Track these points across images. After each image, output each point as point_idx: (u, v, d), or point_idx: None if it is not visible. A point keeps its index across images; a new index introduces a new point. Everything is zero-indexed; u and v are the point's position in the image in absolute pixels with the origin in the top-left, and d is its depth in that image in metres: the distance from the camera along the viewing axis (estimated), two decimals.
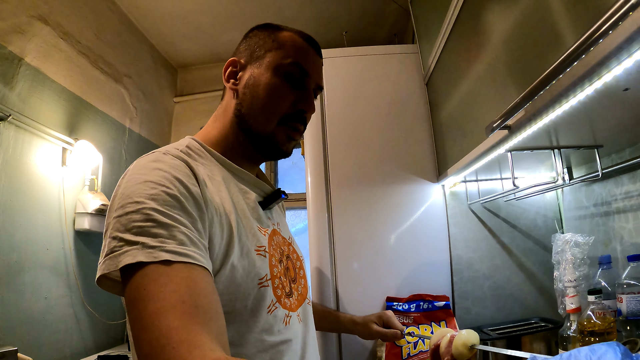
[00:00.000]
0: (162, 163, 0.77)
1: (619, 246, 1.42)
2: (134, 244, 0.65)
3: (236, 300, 0.80)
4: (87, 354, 2.47)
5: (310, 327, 1.03)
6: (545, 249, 1.74)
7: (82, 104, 2.63)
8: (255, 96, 0.94)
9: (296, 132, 0.98)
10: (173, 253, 0.65)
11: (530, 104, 0.90)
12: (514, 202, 1.76)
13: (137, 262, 0.63)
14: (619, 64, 0.71)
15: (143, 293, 0.61)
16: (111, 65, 2.95)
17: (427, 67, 1.76)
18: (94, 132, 2.72)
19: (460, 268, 1.72)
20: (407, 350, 1.51)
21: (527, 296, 1.72)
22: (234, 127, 0.97)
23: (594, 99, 0.86)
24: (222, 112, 1.01)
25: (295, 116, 0.97)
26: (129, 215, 0.68)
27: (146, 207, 0.68)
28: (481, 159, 1.32)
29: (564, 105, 0.89)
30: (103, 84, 2.86)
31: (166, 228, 0.67)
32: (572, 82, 0.78)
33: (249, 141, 0.97)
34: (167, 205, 0.69)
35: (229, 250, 0.80)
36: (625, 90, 0.84)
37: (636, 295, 1.15)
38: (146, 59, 3.44)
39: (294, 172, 3.74)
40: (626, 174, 1.37)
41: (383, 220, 1.72)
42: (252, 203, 0.94)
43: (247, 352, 0.81)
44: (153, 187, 0.71)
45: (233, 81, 0.99)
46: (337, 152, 1.77)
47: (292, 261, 1.03)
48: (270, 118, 0.94)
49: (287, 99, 0.95)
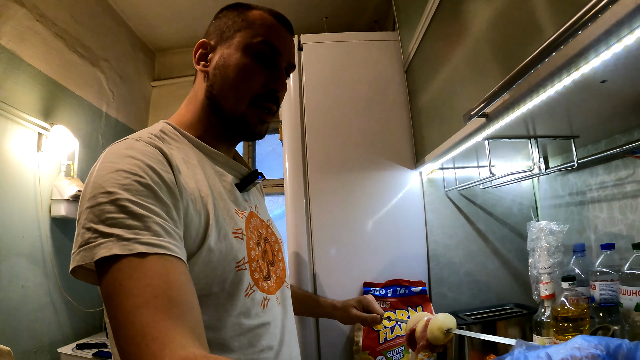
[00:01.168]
0: (135, 150, 0.75)
1: (593, 235, 1.44)
2: (109, 235, 0.64)
3: (213, 283, 0.80)
4: (65, 342, 2.44)
5: (289, 310, 1.03)
6: (520, 236, 1.76)
7: (58, 88, 2.57)
8: (225, 77, 0.93)
9: (268, 113, 0.97)
10: (148, 245, 0.64)
11: (508, 93, 0.90)
12: (491, 189, 1.77)
13: (112, 255, 0.62)
14: (597, 56, 0.71)
15: (118, 289, 0.61)
16: (88, 49, 2.88)
17: (407, 55, 1.75)
18: (70, 117, 2.67)
19: (436, 254, 1.72)
20: (384, 335, 1.51)
21: (503, 282, 1.74)
22: (205, 109, 0.96)
23: (571, 90, 0.86)
24: (194, 95, 0.99)
25: (267, 96, 0.95)
26: (102, 206, 0.66)
27: (120, 198, 0.67)
28: (458, 146, 1.32)
29: (542, 95, 0.88)
30: (80, 68, 2.80)
31: (140, 219, 0.66)
32: (550, 73, 0.78)
33: (221, 123, 0.96)
34: (140, 195, 0.68)
35: (206, 233, 0.79)
36: (602, 82, 0.84)
37: (609, 283, 1.17)
38: (124, 43, 3.35)
39: (272, 158, 3.72)
40: (601, 165, 1.39)
41: (361, 205, 1.71)
42: (228, 185, 0.93)
43: (225, 336, 0.81)
44: (126, 177, 0.69)
45: (203, 63, 0.97)
46: (316, 138, 1.75)
47: (271, 244, 1.02)
48: (241, 99, 0.93)
49: (258, 79, 0.93)
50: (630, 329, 1.05)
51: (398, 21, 1.89)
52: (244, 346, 0.84)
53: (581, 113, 1.09)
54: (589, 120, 1.16)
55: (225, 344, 0.81)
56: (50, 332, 2.36)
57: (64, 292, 2.44)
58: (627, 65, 0.76)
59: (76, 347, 2.35)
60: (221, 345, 0.81)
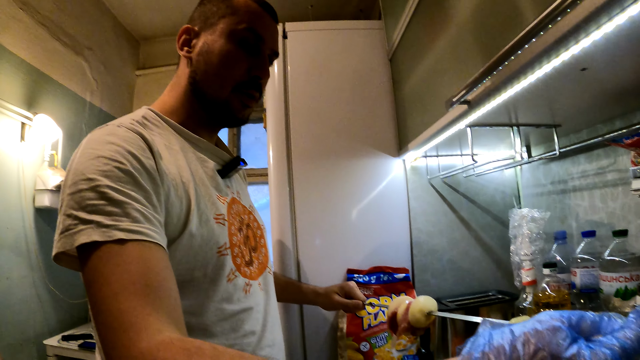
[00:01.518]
0: (115, 136, 0.75)
1: (574, 223, 1.46)
2: (89, 222, 0.64)
3: (195, 268, 0.81)
4: (51, 334, 2.43)
5: (272, 295, 1.03)
6: (503, 224, 1.76)
7: (41, 77, 2.53)
8: (209, 63, 0.93)
9: (251, 99, 0.97)
10: (127, 231, 0.65)
11: (490, 79, 0.90)
12: (474, 178, 1.78)
13: (92, 241, 0.63)
14: (577, 43, 0.71)
15: (97, 276, 0.62)
16: (72, 37, 2.84)
17: (392, 43, 1.74)
18: (53, 106, 2.63)
19: (419, 241, 1.73)
20: (368, 321, 1.52)
21: (485, 269, 1.75)
22: (188, 95, 0.96)
23: (552, 77, 0.86)
24: (177, 81, 0.98)
25: (250, 83, 0.95)
26: (82, 193, 0.67)
27: (100, 185, 0.67)
28: (441, 133, 1.32)
29: (523, 82, 0.88)
30: (63, 56, 2.75)
31: (120, 206, 0.66)
32: (530, 59, 0.78)
33: (204, 109, 0.96)
34: (120, 182, 0.69)
35: (187, 219, 0.79)
36: (583, 70, 0.84)
37: (589, 270, 1.17)
38: (108, 31, 3.31)
39: (258, 148, 3.70)
40: (583, 154, 1.40)
41: (344, 193, 1.71)
42: (210, 171, 0.93)
43: (207, 321, 0.82)
44: (106, 163, 0.69)
45: (187, 49, 0.97)
46: (300, 126, 1.74)
47: (253, 230, 1.02)
48: (224, 85, 0.93)
49: (241, 65, 0.93)
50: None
51: (383, 10, 1.88)
52: (226, 331, 0.84)
53: (563, 101, 1.09)
54: (571, 109, 1.16)
55: (207, 329, 0.82)
56: (36, 324, 2.34)
57: (49, 284, 2.42)
58: (607, 53, 0.76)
59: (62, 338, 2.34)
60: (203, 331, 0.81)
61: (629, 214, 1.22)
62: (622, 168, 1.25)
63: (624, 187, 1.24)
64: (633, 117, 1.18)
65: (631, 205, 1.22)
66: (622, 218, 1.25)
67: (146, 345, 0.56)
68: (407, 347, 1.48)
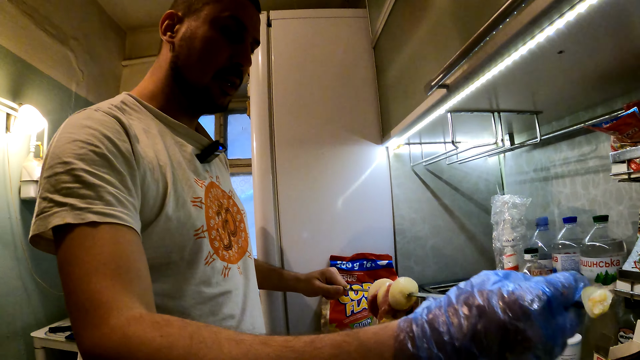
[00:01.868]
0: (92, 120, 0.75)
1: (556, 209, 1.46)
2: (63, 205, 0.65)
3: (172, 251, 0.81)
4: (38, 326, 2.42)
5: (252, 280, 1.04)
6: (486, 211, 1.76)
7: (26, 67, 2.50)
8: (191, 49, 0.93)
9: (232, 87, 0.98)
10: (99, 214, 0.65)
11: (467, 62, 0.90)
12: (457, 165, 1.77)
13: (65, 223, 0.64)
14: (551, 24, 0.71)
15: (70, 257, 0.63)
16: (57, 27, 2.80)
17: (375, 31, 1.73)
18: (39, 97, 2.59)
19: (402, 228, 1.73)
20: (351, 307, 1.51)
21: (468, 256, 1.75)
22: (169, 80, 0.96)
23: (528, 61, 0.86)
24: (158, 65, 0.98)
25: (232, 70, 0.96)
26: (57, 176, 0.68)
27: (74, 168, 0.68)
28: (422, 119, 1.31)
29: (500, 64, 0.88)
30: (49, 47, 2.72)
31: (93, 189, 0.67)
32: (506, 41, 0.78)
33: (184, 94, 0.96)
34: (95, 165, 0.69)
35: (164, 202, 0.80)
36: (560, 52, 0.84)
37: (570, 255, 1.18)
38: (94, 21, 3.26)
39: (244, 138, 3.68)
40: (565, 141, 1.40)
41: (327, 180, 1.71)
42: (188, 155, 0.93)
43: (185, 304, 0.82)
44: (81, 147, 0.70)
45: (170, 34, 0.96)
46: (283, 114, 1.73)
47: (232, 214, 1.03)
48: (206, 71, 0.93)
49: (223, 52, 0.94)
50: None
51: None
52: (204, 314, 0.85)
53: (543, 87, 1.10)
54: (552, 95, 1.17)
55: (185, 312, 0.82)
56: (23, 317, 2.32)
57: (35, 276, 2.40)
58: (583, 34, 0.76)
59: (49, 330, 2.33)
60: (181, 314, 0.80)
61: (610, 201, 1.23)
62: (603, 155, 1.25)
63: (605, 174, 1.24)
64: (614, 104, 1.18)
65: (612, 191, 1.22)
66: (604, 204, 1.25)
67: (116, 321, 0.56)
68: None
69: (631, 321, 0.94)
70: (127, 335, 0.55)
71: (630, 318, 0.95)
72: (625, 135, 0.93)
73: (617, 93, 1.15)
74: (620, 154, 0.93)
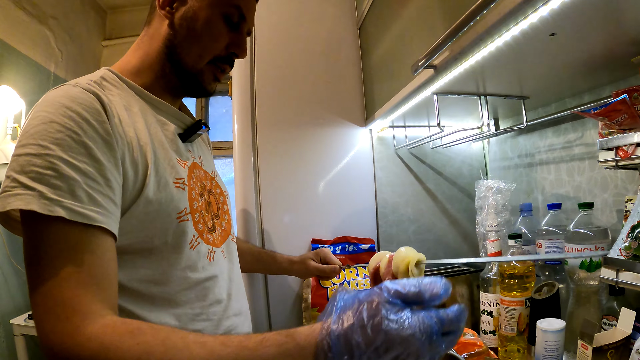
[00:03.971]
0: (70, 99, 0.70)
1: (540, 196, 1.46)
2: (30, 189, 0.62)
3: (154, 236, 0.78)
4: (17, 313, 2.38)
5: (235, 263, 1.03)
6: (469, 196, 1.75)
7: (3, 47, 2.42)
8: (192, 29, 0.89)
9: (222, 73, 0.96)
10: (70, 211, 0.62)
11: (455, 42, 0.86)
12: (441, 149, 1.75)
13: (31, 210, 0.61)
14: (545, 3, 0.68)
15: (41, 255, 0.62)
16: (35, 6, 2.70)
17: (361, 12, 1.69)
18: (16, 77, 2.51)
19: (385, 212, 1.70)
20: (333, 291, 1.49)
21: (451, 241, 1.74)
22: (161, 56, 0.90)
23: (520, 42, 0.82)
24: (149, 39, 0.92)
25: (226, 58, 0.94)
26: (29, 157, 0.64)
27: (50, 154, 0.64)
28: (407, 100, 1.28)
29: (490, 45, 0.85)
30: (27, 26, 2.62)
31: (66, 181, 0.64)
32: (498, 20, 0.74)
33: (175, 74, 0.92)
34: (72, 152, 0.66)
35: (144, 183, 0.77)
36: (552, 35, 0.81)
37: (554, 241, 1.17)
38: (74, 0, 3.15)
39: (226, 120, 3.64)
40: (551, 128, 1.39)
41: (310, 162, 1.67)
42: (170, 135, 0.89)
43: (171, 290, 0.81)
44: (59, 130, 0.66)
45: (168, 9, 0.90)
46: (266, 94, 1.68)
47: (215, 196, 1.00)
48: (203, 55, 0.90)
49: (222, 40, 0.91)
50: (575, 287, 1.07)
51: None
52: (191, 300, 0.83)
53: (532, 71, 1.08)
54: (540, 80, 1.15)
55: (171, 299, 0.81)
56: (2, 303, 2.29)
57: (13, 262, 2.36)
58: (577, 16, 0.73)
59: (29, 317, 2.30)
60: (167, 300, 0.80)
61: (595, 188, 1.21)
62: (589, 142, 1.23)
63: (591, 161, 1.23)
64: (602, 91, 1.17)
65: (597, 179, 1.20)
66: (588, 192, 1.24)
67: (91, 329, 0.57)
68: None
69: (615, 308, 0.95)
70: (104, 344, 0.56)
71: (614, 305, 0.96)
72: (615, 122, 0.90)
73: (604, 81, 1.13)
74: (609, 141, 0.90)
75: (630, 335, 0.84)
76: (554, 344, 0.99)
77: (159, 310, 0.78)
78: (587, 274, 1.01)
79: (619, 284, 0.85)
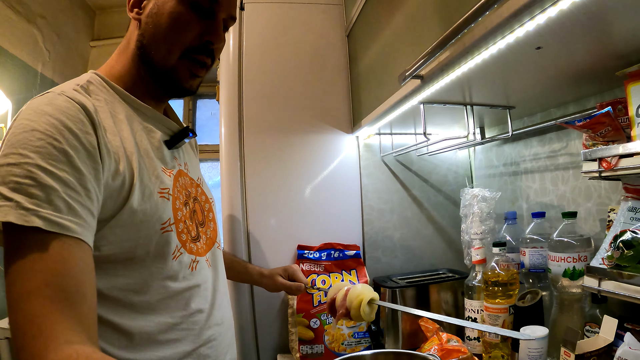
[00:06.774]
0: (53, 107, 0.68)
1: (525, 204, 1.46)
2: (8, 200, 0.60)
3: (137, 246, 0.77)
4: (2, 316, 2.33)
5: (220, 271, 1.01)
6: (455, 204, 1.75)
7: None
8: (157, 25, 0.84)
9: (202, 67, 0.90)
10: (47, 221, 0.60)
11: (443, 53, 0.86)
12: (427, 157, 1.75)
13: (7, 221, 0.59)
14: (531, 19, 0.68)
15: (14, 267, 0.60)
16: (24, 4, 2.65)
17: (350, 19, 1.69)
18: (2, 77, 2.46)
19: (371, 218, 1.69)
20: (318, 298, 1.49)
21: (436, 248, 1.74)
22: (136, 60, 0.87)
23: (506, 55, 0.83)
24: (126, 44, 0.89)
25: (201, 49, 0.87)
26: (10, 167, 0.62)
27: (29, 162, 0.62)
28: (394, 109, 1.27)
29: (477, 57, 0.85)
30: (14, 25, 2.58)
31: (45, 190, 0.61)
32: (485, 34, 0.74)
33: (150, 76, 0.87)
34: (52, 161, 0.63)
35: (129, 194, 0.75)
36: (538, 48, 0.82)
37: (538, 250, 1.18)
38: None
39: (213, 123, 3.61)
40: (536, 137, 1.40)
41: (296, 168, 1.66)
42: (156, 142, 0.87)
43: (151, 299, 0.79)
44: (40, 138, 0.64)
45: (137, 10, 0.87)
46: (253, 100, 1.67)
47: (200, 203, 0.98)
48: (172, 49, 0.84)
49: (192, 29, 0.85)
50: (559, 294, 1.08)
51: None
52: (171, 309, 0.82)
53: (518, 82, 1.08)
54: (526, 90, 1.15)
55: (151, 307, 0.79)
56: None
57: None
58: (563, 32, 0.74)
59: None
60: (147, 309, 0.79)
61: (579, 197, 1.22)
62: (573, 152, 1.24)
63: (575, 171, 1.24)
64: (586, 102, 1.18)
65: (581, 188, 1.21)
66: (572, 201, 1.25)
67: (53, 357, 0.54)
68: (357, 324, 1.46)
69: (597, 316, 0.96)
70: None
71: (597, 313, 0.97)
72: (599, 134, 0.91)
73: (589, 92, 1.14)
74: (592, 152, 0.91)
75: (613, 343, 0.85)
76: (537, 350, 0.99)
77: (139, 319, 0.77)
78: (570, 282, 1.02)
79: (601, 292, 0.85)
